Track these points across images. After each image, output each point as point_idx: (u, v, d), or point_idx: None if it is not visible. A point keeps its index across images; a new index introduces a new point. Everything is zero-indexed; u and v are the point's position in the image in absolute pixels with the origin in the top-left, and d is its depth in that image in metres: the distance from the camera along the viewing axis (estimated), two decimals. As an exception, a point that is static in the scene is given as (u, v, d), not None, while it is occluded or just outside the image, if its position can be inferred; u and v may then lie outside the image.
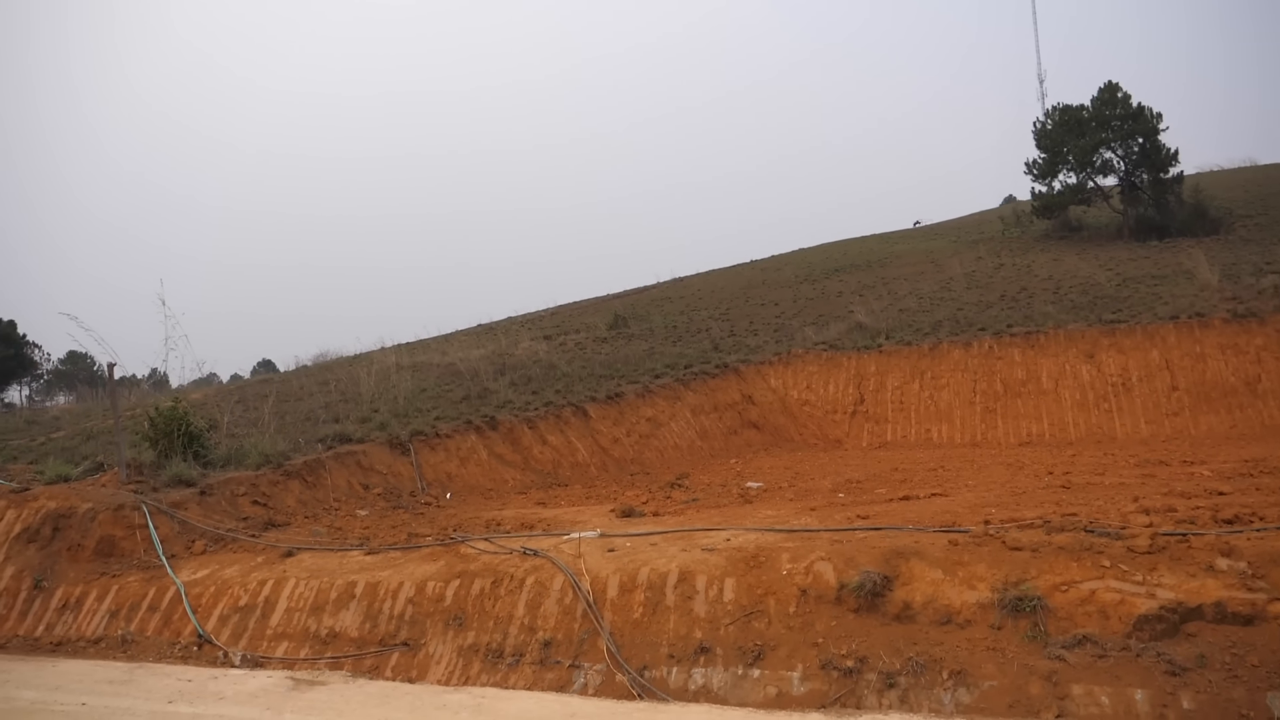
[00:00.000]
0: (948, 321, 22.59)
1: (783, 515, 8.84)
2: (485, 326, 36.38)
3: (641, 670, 6.38)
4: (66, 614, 9.06)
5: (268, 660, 7.57)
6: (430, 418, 14.62)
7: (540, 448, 15.06)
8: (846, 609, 6.32)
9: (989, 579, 6.19)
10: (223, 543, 9.70)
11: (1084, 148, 35.24)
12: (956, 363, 19.88)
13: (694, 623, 6.55)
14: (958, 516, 7.85)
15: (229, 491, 10.85)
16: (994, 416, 18.62)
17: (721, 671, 6.20)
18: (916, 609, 6.22)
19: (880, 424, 19.50)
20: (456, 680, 6.73)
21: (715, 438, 18.42)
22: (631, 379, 19.01)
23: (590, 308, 38.92)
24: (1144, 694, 5.18)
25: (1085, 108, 36.06)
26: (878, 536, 7.03)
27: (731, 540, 7.39)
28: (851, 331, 23.25)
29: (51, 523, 10.01)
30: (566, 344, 26.78)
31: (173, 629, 8.36)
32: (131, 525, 9.83)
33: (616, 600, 6.91)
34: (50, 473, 11.27)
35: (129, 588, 9.00)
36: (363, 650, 7.39)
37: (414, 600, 7.57)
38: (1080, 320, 19.98)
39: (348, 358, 27.75)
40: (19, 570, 9.71)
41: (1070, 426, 17.70)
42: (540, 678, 6.55)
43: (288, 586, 8.24)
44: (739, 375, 20.88)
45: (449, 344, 28.17)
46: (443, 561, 7.98)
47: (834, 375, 20.84)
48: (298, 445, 12.48)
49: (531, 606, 7.11)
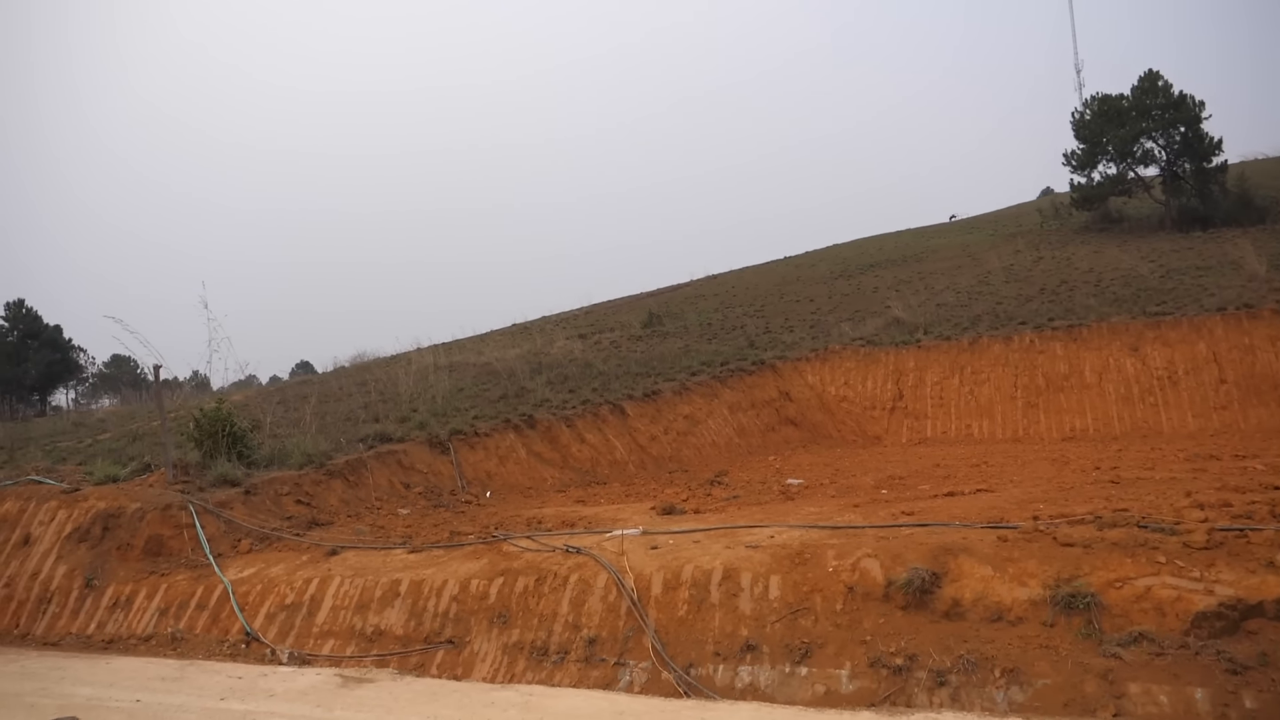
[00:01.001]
0: (987, 316, 22.31)
1: (826, 512, 8.76)
2: (520, 326, 36.51)
3: (687, 668, 6.35)
4: (117, 612, 9.21)
5: (315, 658, 7.64)
6: (469, 417, 14.69)
7: (578, 446, 15.08)
8: (894, 606, 6.25)
9: (1040, 575, 6.09)
10: (268, 542, 9.81)
11: (1124, 138, 34.67)
12: (997, 357, 19.62)
13: (739, 620, 6.51)
14: (1005, 512, 7.73)
15: (273, 491, 10.97)
16: (1036, 411, 18.35)
17: (768, 669, 6.16)
18: (966, 606, 6.13)
19: (920, 420, 19.30)
20: (502, 678, 6.74)
21: (753, 435, 18.34)
22: (668, 377, 18.98)
23: (624, 306, 38.92)
24: (1204, 693, 5.06)
25: (1125, 97, 35.46)
26: (924, 533, 6.94)
27: (775, 537, 7.33)
28: (889, 327, 23.04)
29: (101, 522, 10.18)
30: (601, 342, 26.80)
31: (221, 627, 8.46)
32: (179, 525, 9.96)
33: (661, 598, 6.89)
34: (99, 473, 11.46)
35: (177, 586, 9.12)
36: (408, 648, 7.44)
37: (458, 598, 7.60)
38: (1123, 313, 19.63)
39: (385, 358, 27.98)
40: (71, 569, 9.89)
41: (1114, 421, 17.40)
42: (585, 675, 6.54)
43: (333, 585, 8.31)
44: (776, 372, 20.77)
45: (484, 344, 28.32)
46: (486, 559, 8.00)
47: (872, 371, 20.66)
48: (339, 445, 12.59)
49: (575, 604, 7.11)
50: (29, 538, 10.53)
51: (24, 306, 48.03)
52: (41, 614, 9.59)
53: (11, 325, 47.58)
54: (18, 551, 10.44)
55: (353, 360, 30.42)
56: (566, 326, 33.02)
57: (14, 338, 47.18)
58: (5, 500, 11.14)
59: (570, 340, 27.37)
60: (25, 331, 47.30)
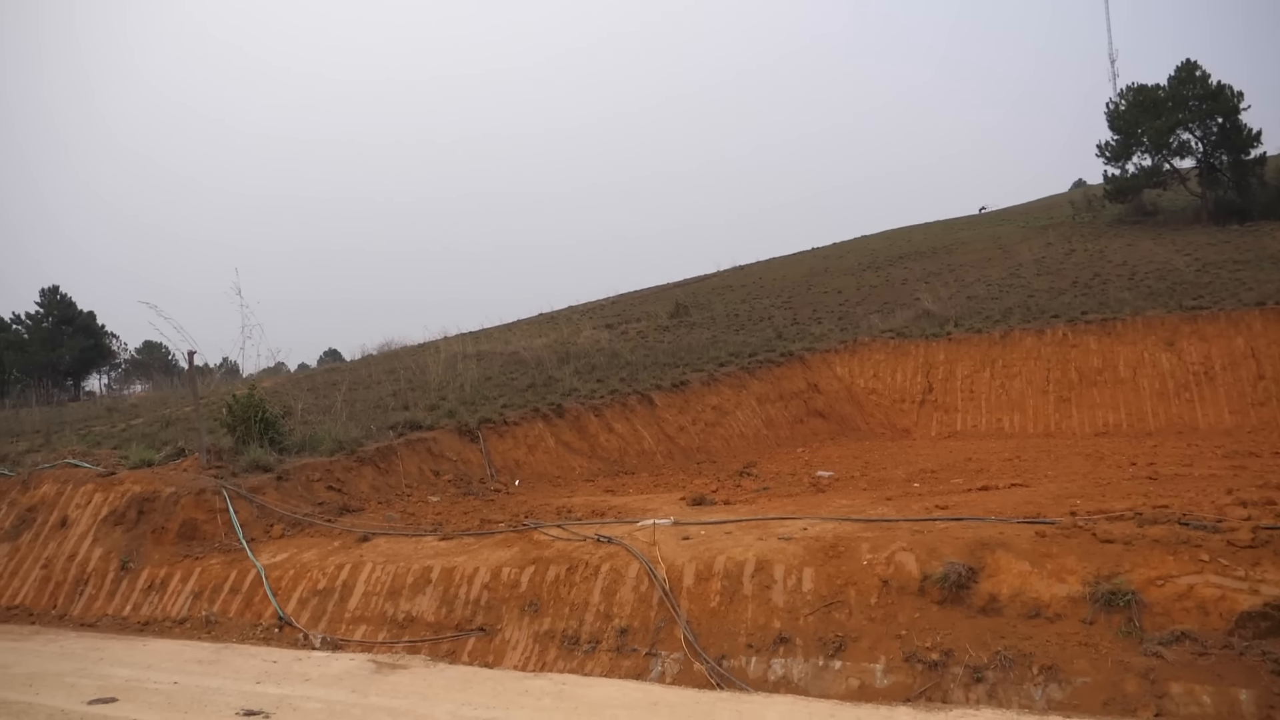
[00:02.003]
0: (1018, 308, 22.07)
1: (858, 505, 8.70)
2: (546, 315, 36.56)
3: (720, 659, 6.33)
4: (152, 594, 9.32)
5: (346, 643, 7.69)
6: (497, 405, 14.72)
7: (606, 435, 15.07)
8: (930, 601, 6.18)
9: (1079, 572, 5.99)
10: (300, 527, 9.88)
11: (1160, 129, 34.15)
12: (1029, 350, 19.40)
13: (772, 612, 6.47)
14: (1041, 508, 7.64)
15: (305, 477, 11.05)
16: (1068, 406, 18.13)
17: (801, 662, 6.12)
18: (1003, 602, 6.05)
19: (950, 413, 19.14)
20: (533, 666, 6.75)
21: (781, 426, 18.26)
22: (696, 367, 18.93)
23: (650, 296, 38.87)
24: (1249, 694, 4.96)
25: (1161, 88, 34.93)
26: (960, 527, 6.87)
27: (808, 529, 7.28)
28: (919, 319, 22.85)
29: (137, 506, 10.30)
30: (628, 332, 26.78)
31: (254, 611, 8.53)
32: (212, 509, 10.06)
33: (693, 588, 6.86)
34: (134, 458, 11.61)
35: (211, 570, 9.21)
36: (439, 635, 7.46)
37: (489, 586, 7.61)
38: (1159, 307, 19.34)
39: (413, 346, 28.11)
40: (107, 551, 10.01)
41: (1149, 416, 17.16)
42: (617, 665, 6.53)
43: (365, 571, 8.35)
44: (804, 363, 20.66)
45: (511, 332, 28.40)
46: (517, 548, 8.01)
47: (901, 363, 20.50)
48: (370, 432, 12.66)
49: (607, 594, 7.10)
50: (66, 520, 10.68)
51: (58, 293, 48.74)
52: (78, 595, 9.73)
53: (46, 312, 48.32)
54: (55, 533, 10.59)
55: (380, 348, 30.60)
56: (593, 316, 33.03)
57: (49, 324, 47.92)
58: (44, 483, 11.31)
59: (597, 330, 27.38)
60: (59, 318, 48.04)
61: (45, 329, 47.77)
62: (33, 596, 10.04)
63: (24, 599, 10.06)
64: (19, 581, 10.33)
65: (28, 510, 11.13)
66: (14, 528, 11.01)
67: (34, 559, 10.47)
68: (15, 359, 46.54)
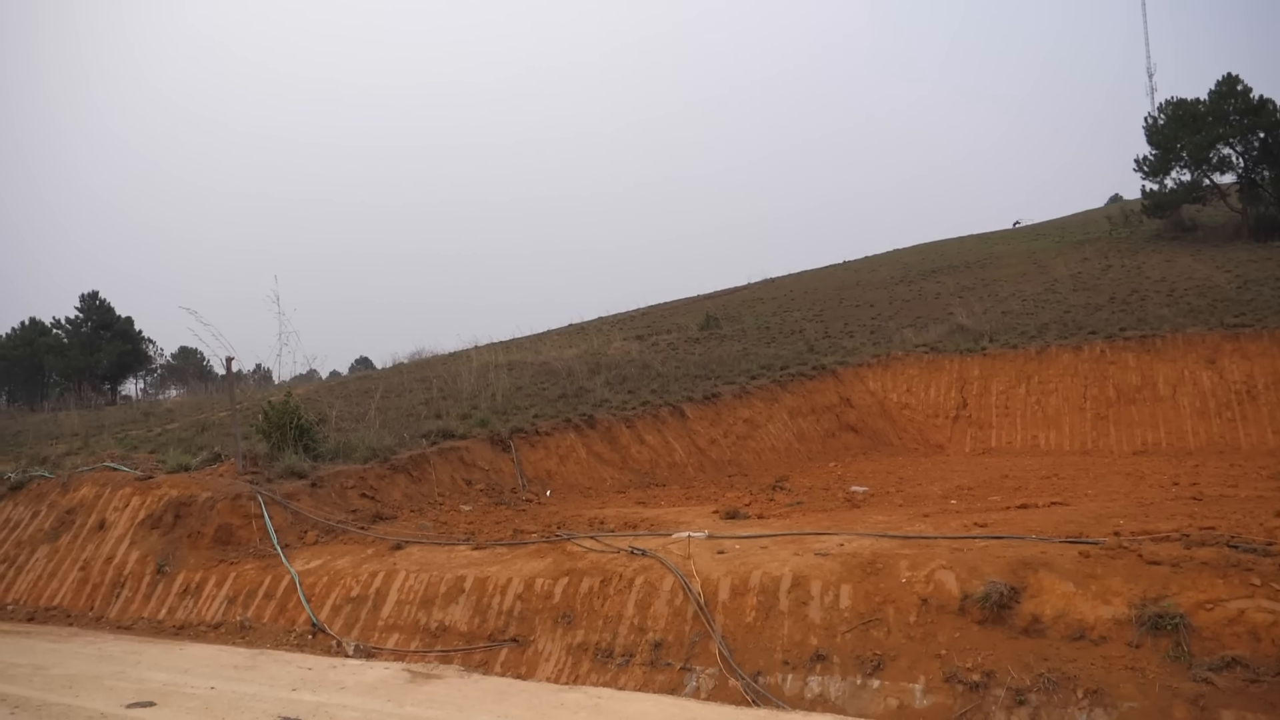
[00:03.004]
0: (1055, 324, 21.80)
1: (895, 521, 8.59)
2: (576, 326, 36.66)
3: (755, 676, 6.25)
4: (187, 599, 9.39)
5: (379, 651, 7.69)
6: (529, 415, 14.74)
7: (638, 447, 15.04)
8: (970, 620, 6.08)
9: (1125, 594, 5.87)
10: (333, 534, 9.92)
11: (1200, 144, 33.71)
12: (1066, 367, 19.13)
13: (809, 629, 6.39)
14: (1083, 527, 7.50)
15: (338, 484, 11.10)
16: (1106, 424, 17.85)
17: (839, 680, 6.03)
18: (1046, 623, 5.93)
19: (984, 429, 18.90)
20: (566, 678, 6.71)
21: (813, 440, 18.13)
22: (727, 380, 18.86)
23: (681, 308, 38.84)
24: (1304, 723, 4.82)
25: (1201, 102, 34.48)
26: (1000, 546, 6.75)
27: (845, 545, 7.19)
28: (953, 334, 22.63)
29: (173, 510, 10.40)
30: (659, 344, 26.75)
31: (288, 617, 8.57)
32: (248, 514, 10.13)
33: (728, 603, 6.79)
34: (171, 462, 11.72)
35: (246, 575, 9.27)
36: (472, 645, 7.45)
37: (522, 596, 7.59)
38: (1199, 324, 19.00)
39: (443, 355, 28.27)
40: (143, 555, 10.12)
41: (1189, 435, 16.84)
42: (651, 679, 6.48)
43: (398, 579, 8.36)
44: (836, 377, 20.52)
45: (542, 343, 28.47)
46: (550, 559, 7.99)
47: (935, 378, 20.30)
48: (402, 440, 12.71)
49: (641, 607, 7.05)
50: (104, 522, 10.80)
51: (97, 298, 49.56)
52: (115, 598, 9.83)
53: (85, 316, 49.13)
54: (93, 535, 10.73)
55: (412, 357, 30.82)
56: (623, 327, 33.04)
57: (88, 329, 48.73)
58: (83, 485, 11.46)
59: (627, 341, 27.36)
60: (98, 323, 48.83)
61: (84, 334, 48.59)
62: (70, 598, 10.16)
63: (61, 600, 10.18)
64: (57, 583, 10.46)
65: (67, 512, 11.28)
66: (53, 529, 11.16)
67: (72, 560, 10.60)
68: (55, 363, 47.42)
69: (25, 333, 51.40)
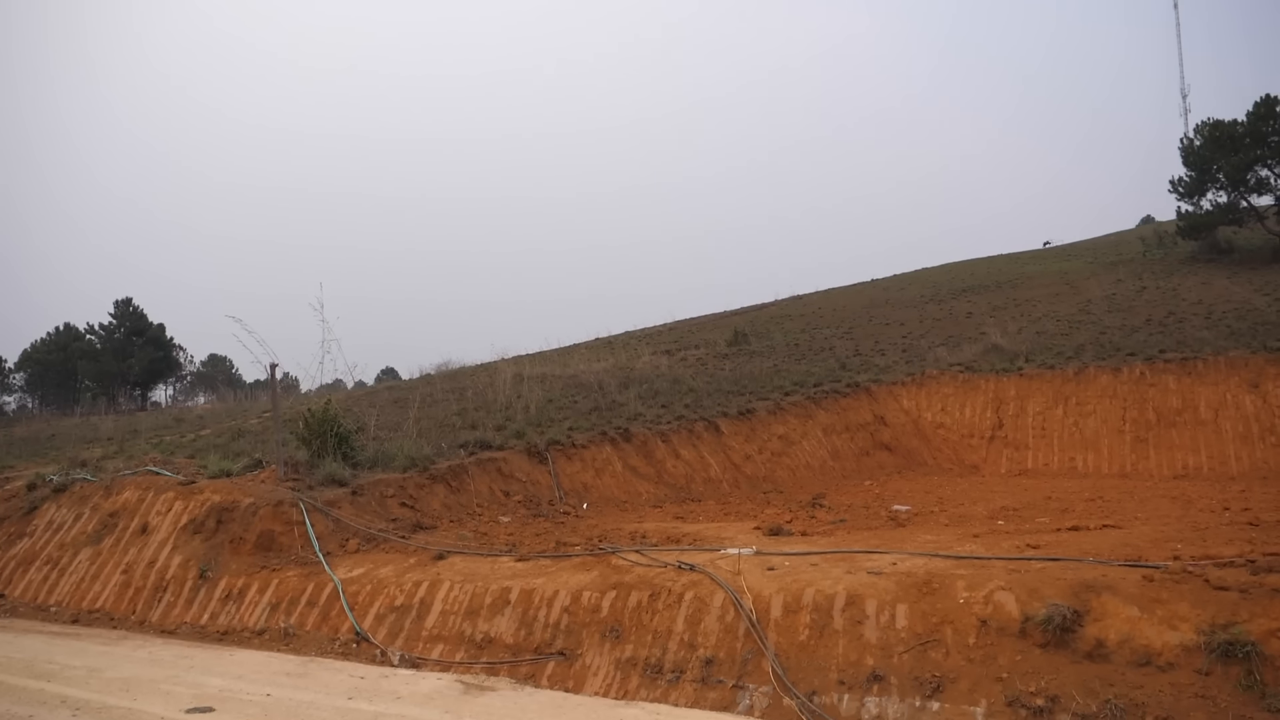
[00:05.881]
0: (1091, 345, 21.56)
1: (944, 541, 8.49)
2: (604, 340, 36.68)
3: (810, 695, 6.17)
4: (230, 604, 9.40)
5: (424, 661, 7.66)
6: (564, 428, 14.72)
7: (673, 462, 14.98)
8: (1032, 643, 5.97)
9: (1193, 620, 5.74)
10: (374, 542, 9.92)
11: (1237, 165, 33.35)
12: (1104, 388, 18.89)
13: (865, 649, 6.30)
14: (1140, 551, 7.37)
15: (378, 493, 11.11)
16: (1145, 446, 17.60)
17: (897, 702, 5.93)
18: (1111, 648, 5.81)
19: (1020, 450, 18.69)
20: (615, 693, 6.65)
21: (847, 458, 17.99)
22: (761, 395, 18.77)
23: (708, 324, 38.80)
24: (1387, 757, 4.69)
25: (1239, 123, 34.11)
26: (1058, 568, 6.64)
27: (898, 564, 7.10)
28: (988, 353, 22.44)
29: (215, 515, 10.44)
30: (688, 359, 26.71)
31: (330, 625, 8.56)
32: (289, 521, 10.15)
33: (780, 620, 6.72)
34: (213, 467, 11.78)
35: (288, 582, 9.27)
36: (518, 657, 7.40)
37: (569, 609, 7.54)
38: (1242, 347, 18.73)
39: (472, 367, 28.36)
40: (185, 559, 10.16)
41: (1232, 460, 16.57)
42: (702, 696, 6.40)
43: (442, 589, 8.33)
44: (870, 395, 20.37)
45: (569, 356, 28.48)
46: (596, 572, 7.93)
47: (970, 398, 20.11)
48: (440, 450, 12.73)
49: (691, 622, 6.98)
50: (147, 526, 10.87)
51: (130, 305, 50.12)
52: (157, 601, 9.87)
53: (119, 323, 49.69)
54: (136, 539, 10.79)
55: (439, 368, 30.95)
56: (651, 342, 33.03)
57: (120, 334, 49.28)
58: (125, 489, 11.54)
59: (656, 356, 27.34)
60: (131, 329, 49.37)
61: (117, 339, 49.14)
62: (113, 601, 10.21)
63: (104, 603, 10.24)
64: (100, 585, 10.52)
65: (109, 515, 11.35)
66: (96, 532, 11.24)
67: (114, 564, 10.66)
68: (88, 368, 47.96)
69: (59, 338, 52.08)
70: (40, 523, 11.99)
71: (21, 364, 53.76)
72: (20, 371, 54.21)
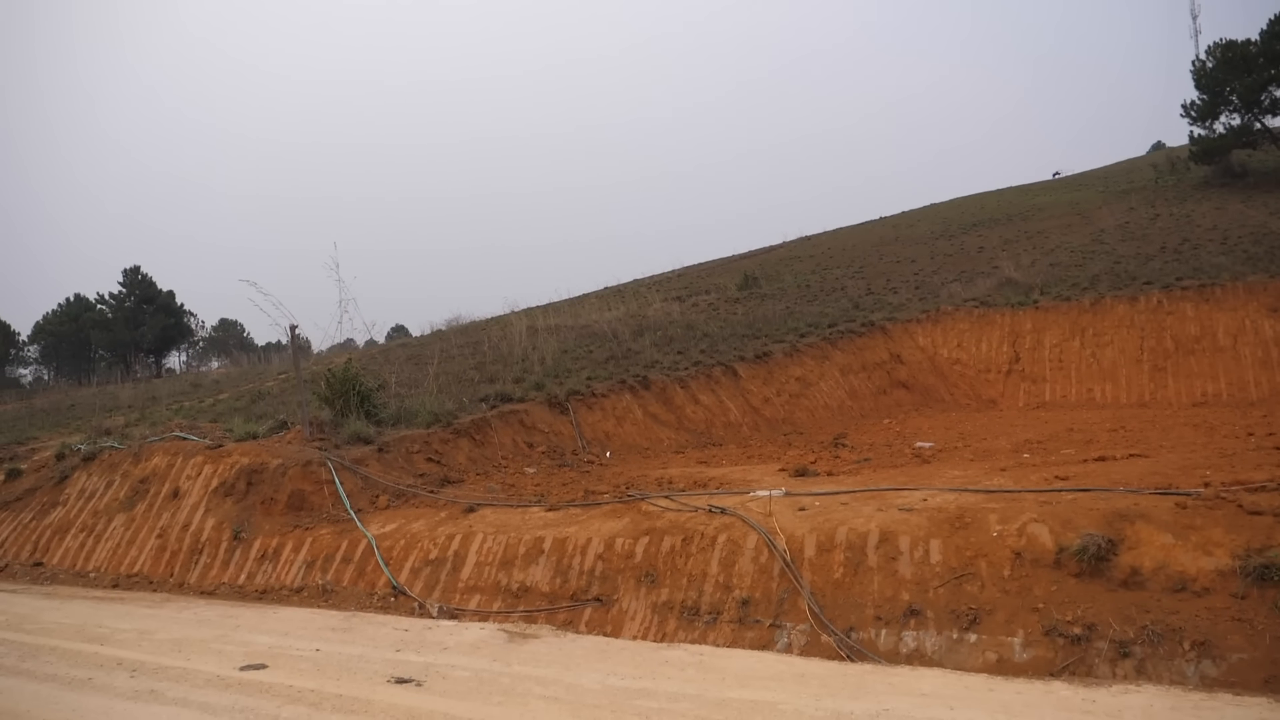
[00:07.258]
0: (1106, 275, 21.42)
1: (972, 476, 8.53)
2: (613, 289, 36.59)
3: (848, 631, 6.25)
4: (266, 564, 9.55)
5: (462, 612, 7.78)
6: (582, 378, 14.76)
7: (693, 407, 15.03)
8: (1067, 573, 6.02)
9: (1227, 545, 5.78)
10: (404, 498, 10.03)
11: (1251, 86, 32.77)
12: (1121, 318, 18.81)
13: (900, 584, 6.37)
14: (1170, 478, 7.40)
15: (404, 449, 11.20)
16: (1164, 375, 17.56)
17: (934, 635, 6.01)
18: (1146, 575, 5.86)
19: (1038, 383, 18.69)
20: (653, 636, 6.75)
21: (865, 398, 18.03)
22: (776, 338, 18.76)
23: (718, 268, 38.65)
24: None
25: (1253, 43, 33.46)
26: (1089, 498, 6.67)
27: (929, 500, 7.15)
28: (1002, 287, 22.32)
29: (245, 477, 10.55)
30: (699, 304, 26.66)
31: (367, 580, 8.69)
32: (319, 480, 10.26)
33: (814, 560, 6.79)
34: (239, 430, 11.88)
35: (321, 540, 9.40)
36: (555, 605, 7.51)
37: (603, 557, 7.63)
38: (1260, 271, 18.57)
39: (482, 321, 28.40)
40: (219, 521, 10.29)
41: (1251, 386, 16.53)
42: (740, 636, 6.50)
43: (475, 541, 8.43)
44: (886, 334, 20.34)
45: (580, 306, 28.46)
46: (627, 519, 8.01)
47: (986, 333, 20.06)
48: (462, 404, 12.79)
49: (725, 564, 7.06)
50: (178, 491, 11.00)
51: (139, 273, 50.15)
52: (194, 564, 10.02)
53: (129, 291, 49.77)
54: (168, 504, 10.92)
55: (449, 323, 31.00)
56: (661, 289, 32.96)
57: (131, 303, 49.39)
58: (154, 455, 11.65)
59: (667, 302, 27.31)
60: (141, 297, 49.47)
61: (128, 308, 49.27)
62: (150, 565, 10.37)
63: (141, 567, 10.40)
64: (136, 550, 10.68)
65: (140, 481, 11.49)
66: (128, 498, 11.38)
67: (149, 529, 10.81)
68: (101, 338, 48.19)
69: (71, 309, 52.25)
70: (72, 491, 12.14)
71: (35, 336, 54.04)
72: (34, 344, 54.51)
